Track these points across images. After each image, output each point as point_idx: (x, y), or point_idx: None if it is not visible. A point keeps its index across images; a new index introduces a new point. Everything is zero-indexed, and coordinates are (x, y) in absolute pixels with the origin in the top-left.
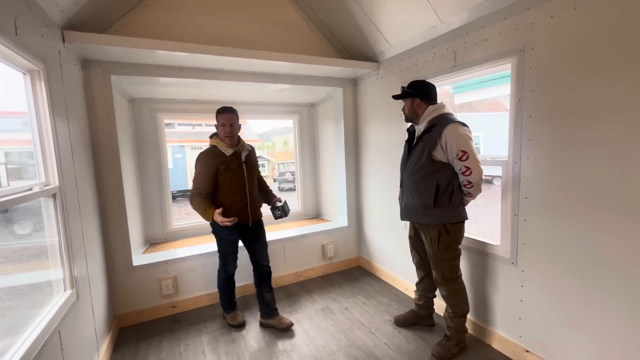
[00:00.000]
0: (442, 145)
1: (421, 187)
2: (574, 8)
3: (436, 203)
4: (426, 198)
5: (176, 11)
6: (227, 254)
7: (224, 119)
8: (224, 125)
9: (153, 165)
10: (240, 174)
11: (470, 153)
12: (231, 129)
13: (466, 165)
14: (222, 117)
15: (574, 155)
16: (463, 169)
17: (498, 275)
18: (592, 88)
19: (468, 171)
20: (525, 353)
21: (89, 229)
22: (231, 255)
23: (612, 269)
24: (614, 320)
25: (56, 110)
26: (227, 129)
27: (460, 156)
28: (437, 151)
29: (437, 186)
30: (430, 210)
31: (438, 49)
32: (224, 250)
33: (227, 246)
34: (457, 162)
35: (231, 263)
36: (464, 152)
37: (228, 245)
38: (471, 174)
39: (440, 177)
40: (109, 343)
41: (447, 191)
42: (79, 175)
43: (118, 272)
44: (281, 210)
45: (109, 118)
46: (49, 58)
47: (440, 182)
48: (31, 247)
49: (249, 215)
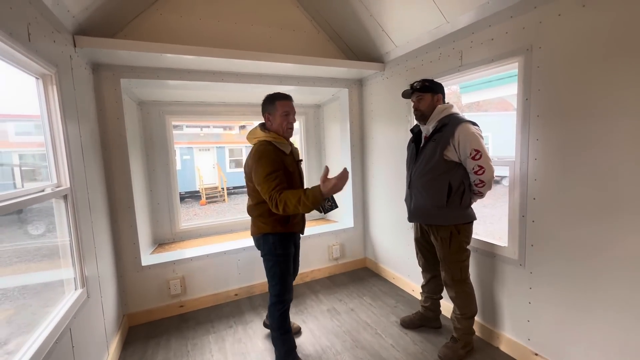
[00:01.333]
0: (455, 145)
1: (433, 187)
2: (582, 6)
3: (448, 203)
4: (439, 198)
5: (184, 15)
6: (288, 275)
7: (288, 107)
8: (288, 114)
9: (161, 167)
10: (296, 176)
11: (483, 152)
12: (294, 121)
13: (479, 164)
14: (285, 105)
15: (582, 155)
16: (476, 168)
17: (506, 277)
18: (600, 87)
19: (481, 170)
20: (534, 356)
21: (99, 229)
22: (291, 276)
23: (623, 271)
24: (624, 324)
25: (67, 113)
26: (291, 118)
27: (474, 155)
28: (449, 151)
29: (450, 186)
30: (443, 210)
31: (444, 49)
32: (283, 271)
33: (286, 265)
34: (470, 161)
35: (291, 288)
36: (477, 151)
37: (287, 263)
38: (484, 173)
39: (452, 177)
40: (118, 341)
41: (459, 191)
42: (89, 177)
43: (127, 272)
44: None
45: (119, 120)
46: (61, 63)
47: (452, 182)
48: (44, 247)
49: (304, 223)
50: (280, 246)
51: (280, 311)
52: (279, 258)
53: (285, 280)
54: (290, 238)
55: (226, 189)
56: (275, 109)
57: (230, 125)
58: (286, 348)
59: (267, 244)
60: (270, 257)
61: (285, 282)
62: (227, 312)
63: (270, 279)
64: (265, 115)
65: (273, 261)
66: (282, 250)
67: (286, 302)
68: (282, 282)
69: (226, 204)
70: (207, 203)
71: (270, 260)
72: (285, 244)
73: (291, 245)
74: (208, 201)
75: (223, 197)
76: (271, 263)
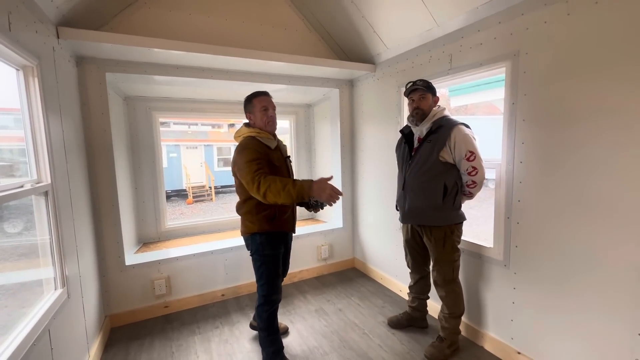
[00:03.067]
0: (450, 146)
1: (429, 188)
2: (567, 14)
3: (443, 204)
4: (435, 199)
5: (173, 9)
6: (276, 275)
7: (266, 102)
8: (266, 109)
9: (147, 164)
10: (284, 171)
11: (477, 154)
12: (274, 114)
13: (473, 165)
14: (262, 100)
15: (566, 159)
16: (470, 169)
17: (491, 278)
18: (584, 92)
19: (474, 171)
20: (517, 355)
21: (82, 227)
22: (280, 277)
23: (603, 272)
24: (605, 323)
25: (49, 107)
26: (270, 113)
27: (468, 156)
28: (445, 152)
29: (445, 187)
30: (438, 211)
31: (434, 52)
32: (271, 272)
33: (274, 265)
34: (465, 163)
35: (280, 289)
36: (471, 153)
37: (276, 263)
38: (477, 174)
39: (447, 178)
40: (99, 343)
41: (453, 192)
42: (71, 173)
43: (110, 271)
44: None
45: (103, 116)
46: (43, 54)
47: (447, 183)
48: (21, 246)
49: (295, 221)
50: (269, 246)
51: (269, 312)
52: (266, 258)
53: (274, 280)
54: (280, 238)
55: (214, 188)
56: (253, 106)
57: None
58: (274, 349)
59: (255, 243)
60: (258, 257)
61: (274, 282)
62: (214, 313)
63: (259, 278)
64: (247, 115)
65: (261, 261)
66: (270, 251)
67: (274, 302)
68: (270, 283)
69: (214, 202)
70: (194, 202)
71: (258, 260)
72: (274, 244)
73: (280, 245)
74: (195, 200)
75: (210, 196)
76: (259, 263)
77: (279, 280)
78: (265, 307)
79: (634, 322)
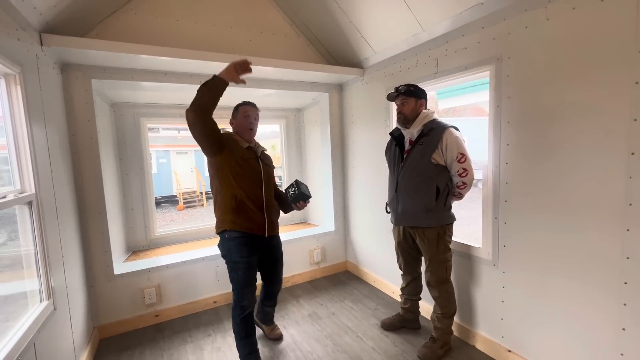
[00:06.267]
0: (442, 149)
1: (422, 190)
2: (546, 20)
3: (436, 205)
4: (428, 201)
5: (160, 16)
6: (244, 283)
7: (249, 110)
8: (248, 116)
9: (136, 171)
10: (256, 168)
11: (467, 156)
12: (255, 123)
13: (464, 167)
14: (246, 109)
15: (549, 159)
16: (460, 170)
17: (481, 277)
18: (564, 94)
19: (465, 173)
20: (508, 353)
21: (68, 237)
22: (249, 285)
23: (587, 268)
24: (590, 319)
25: (33, 115)
26: (251, 119)
27: (459, 158)
28: (437, 154)
29: (437, 189)
30: (431, 213)
31: (421, 56)
32: (240, 278)
33: (243, 272)
34: (456, 164)
35: (249, 295)
36: (462, 155)
37: (245, 270)
38: (467, 175)
39: (439, 180)
40: (88, 355)
41: (444, 193)
42: (57, 182)
43: (98, 281)
44: (295, 186)
45: (89, 123)
46: (26, 62)
47: (439, 184)
48: (5, 257)
49: (265, 223)
50: (237, 252)
51: (240, 316)
52: (235, 265)
53: (242, 288)
54: (252, 243)
55: (205, 194)
56: (238, 112)
57: None
58: (246, 351)
59: (223, 247)
60: (227, 262)
61: (242, 289)
62: (206, 321)
63: (230, 282)
64: (230, 120)
65: (230, 267)
66: (238, 257)
67: (244, 308)
68: (238, 289)
69: (205, 208)
70: (185, 208)
71: (227, 264)
72: (243, 250)
73: (252, 251)
74: (186, 206)
75: (201, 202)
76: (228, 268)
77: (250, 288)
78: (236, 311)
79: (619, 317)
